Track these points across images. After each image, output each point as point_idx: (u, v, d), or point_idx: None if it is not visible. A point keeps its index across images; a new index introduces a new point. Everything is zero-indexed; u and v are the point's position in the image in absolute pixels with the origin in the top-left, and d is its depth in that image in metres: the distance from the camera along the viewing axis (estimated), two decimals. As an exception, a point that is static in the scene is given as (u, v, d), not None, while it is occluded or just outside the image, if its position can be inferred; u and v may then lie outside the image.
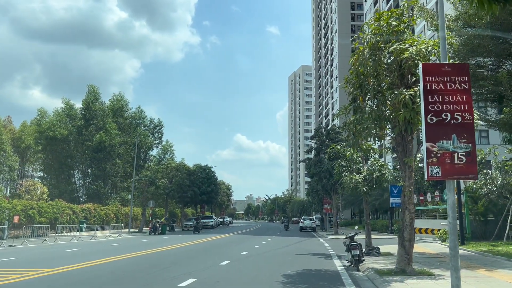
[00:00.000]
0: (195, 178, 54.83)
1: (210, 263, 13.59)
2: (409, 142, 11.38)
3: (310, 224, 47.24)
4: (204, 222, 54.07)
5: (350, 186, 16.83)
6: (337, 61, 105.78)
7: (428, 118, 7.58)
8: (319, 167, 37.29)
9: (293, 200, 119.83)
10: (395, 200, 32.04)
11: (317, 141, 38.19)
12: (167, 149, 71.43)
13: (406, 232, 11.21)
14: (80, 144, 52.86)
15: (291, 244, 24.24)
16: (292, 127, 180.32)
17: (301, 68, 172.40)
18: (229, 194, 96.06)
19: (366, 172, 17.12)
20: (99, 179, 52.39)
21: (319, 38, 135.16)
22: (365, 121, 11.41)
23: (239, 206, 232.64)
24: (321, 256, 16.94)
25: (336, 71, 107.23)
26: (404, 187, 11.36)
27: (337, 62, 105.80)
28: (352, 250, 12.68)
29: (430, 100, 7.63)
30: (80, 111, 54.68)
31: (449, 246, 7.47)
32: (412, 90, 10.62)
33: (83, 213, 37.06)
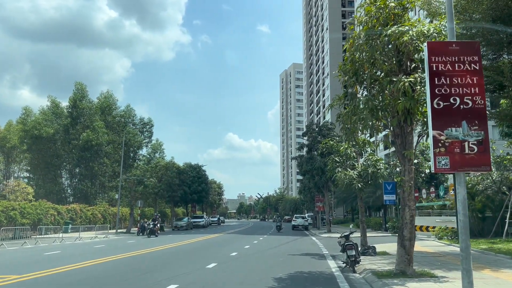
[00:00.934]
0: (185, 177, 53.82)
1: (196, 266, 12.68)
2: (409, 133, 10.55)
3: (302, 223, 46.51)
4: (195, 222, 53.14)
5: (344, 182, 16.01)
6: (328, 59, 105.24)
7: (435, 103, 6.75)
8: (311, 164, 36.50)
9: (285, 198, 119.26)
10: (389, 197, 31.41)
11: (309, 138, 37.38)
12: (157, 148, 70.25)
13: (406, 231, 10.39)
14: (67, 143, 51.53)
15: (283, 244, 23.40)
16: (283, 125, 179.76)
17: (292, 66, 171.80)
18: (220, 193, 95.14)
19: (360, 167, 16.31)
20: (86, 178, 51.10)
21: (310, 36, 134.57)
22: (361, 112, 10.57)
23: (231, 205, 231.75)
24: (315, 257, 16.11)
25: (327, 69, 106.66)
26: (404, 182, 10.54)
27: (328, 60, 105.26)
28: (348, 250, 11.85)
29: (437, 82, 6.79)
30: (67, 109, 53.32)
31: (460, 247, 6.66)
32: (412, 76, 9.80)
33: (69, 214, 35.88)
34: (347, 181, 15.94)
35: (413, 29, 9.52)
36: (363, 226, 16.75)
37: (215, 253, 17.29)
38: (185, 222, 47.54)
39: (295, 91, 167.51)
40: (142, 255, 16.36)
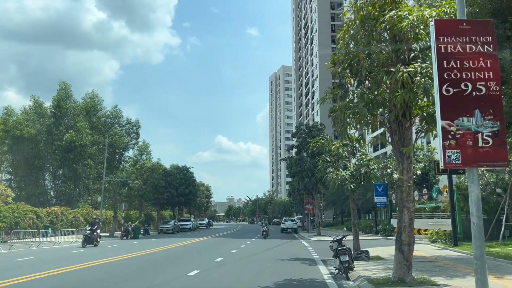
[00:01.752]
0: (172, 179, 52.59)
1: (176, 273, 11.69)
2: (407, 129, 9.71)
3: (291, 226, 45.63)
4: (182, 225, 51.93)
5: (336, 183, 15.13)
6: (317, 61, 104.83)
7: (443, 89, 5.90)
8: (301, 166, 35.68)
9: (274, 201, 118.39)
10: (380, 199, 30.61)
11: (299, 139, 36.55)
12: (143, 149, 69.00)
13: (405, 235, 9.54)
14: (50, 144, 50.05)
15: (272, 248, 22.47)
16: (273, 128, 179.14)
17: (282, 69, 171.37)
18: (208, 196, 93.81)
19: (353, 167, 15.46)
20: (69, 181, 49.64)
21: (299, 38, 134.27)
22: (355, 106, 9.71)
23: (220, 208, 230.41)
24: (305, 262, 15.20)
25: (316, 71, 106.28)
26: (402, 181, 9.69)
27: (317, 62, 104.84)
28: (341, 255, 10.96)
29: (446, 66, 5.94)
30: (50, 109, 51.82)
31: (474, 255, 5.85)
32: (412, 66, 8.96)
33: (49, 217, 34.51)
34: (338, 181, 15.08)
35: (413, 14, 8.70)
36: (355, 229, 15.90)
37: (199, 258, 16.29)
38: (171, 226, 46.31)
39: (285, 93, 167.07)
40: (118, 262, 15.29)
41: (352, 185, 14.89)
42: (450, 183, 19.00)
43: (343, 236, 12.14)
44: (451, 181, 19.04)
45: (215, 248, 21.96)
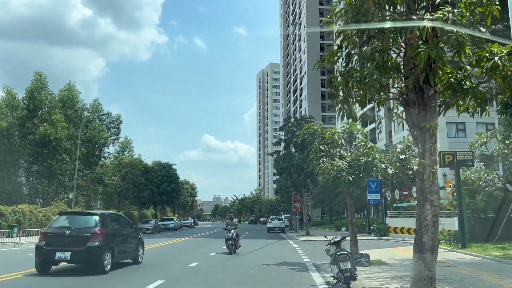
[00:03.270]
0: (153, 176, 49.98)
1: (135, 283, 9.31)
2: (431, 97, 7.46)
3: (278, 225, 43.46)
4: (163, 225, 49.39)
5: (331, 175, 12.90)
6: (305, 57, 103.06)
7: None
8: (289, 161, 33.45)
9: (261, 200, 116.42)
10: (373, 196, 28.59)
11: (287, 133, 34.30)
12: (125, 146, 66.11)
13: (427, 237, 7.29)
14: (23, 138, 46.98)
15: (257, 249, 20.18)
16: (260, 126, 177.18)
17: (269, 66, 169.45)
18: (194, 194, 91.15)
19: (351, 157, 13.23)
20: (43, 177, 46.64)
21: (287, 35, 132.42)
22: (363, 70, 7.45)
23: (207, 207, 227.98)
24: (294, 267, 12.92)
25: (304, 67, 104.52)
26: (423, 166, 7.43)
27: (305, 58, 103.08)
28: (341, 262, 8.70)
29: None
30: (23, 100, 48.70)
31: None
32: (440, 13, 6.74)
33: (15, 216, 31.69)
34: (334, 173, 12.84)
35: None
36: (353, 229, 13.67)
37: (170, 264, 13.90)
38: (151, 225, 43.73)
39: (272, 91, 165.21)
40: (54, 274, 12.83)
41: (350, 177, 12.66)
42: (458, 177, 16.90)
43: (342, 238, 9.88)
44: (458, 175, 16.94)
45: (193, 250, 19.58)
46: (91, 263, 10.98)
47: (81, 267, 11.45)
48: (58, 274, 11.11)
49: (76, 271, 11.42)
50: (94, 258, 10.83)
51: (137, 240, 13.50)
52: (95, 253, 10.81)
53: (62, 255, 10.74)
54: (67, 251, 10.75)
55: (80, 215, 13.29)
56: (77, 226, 11.35)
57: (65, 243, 10.88)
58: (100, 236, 11.00)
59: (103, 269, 10.88)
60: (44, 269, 11.09)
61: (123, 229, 12.77)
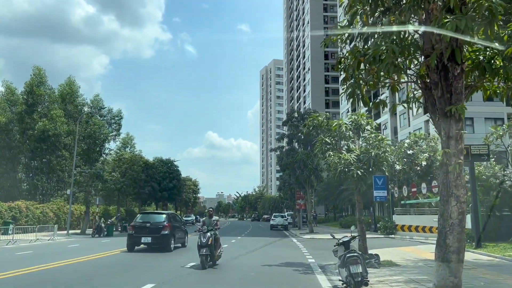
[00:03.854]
0: (154, 172, 49.11)
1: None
2: (457, 77, 6.48)
3: (282, 222, 42.55)
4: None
5: (338, 169, 11.95)
6: (309, 53, 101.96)
7: None
8: (292, 157, 32.47)
9: (264, 197, 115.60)
10: (380, 193, 27.61)
11: (290, 127, 33.31)
12: (127, 142, 65.30)
13: (452, 237, 6.33)
14: (22, 133, 46.18)
15: (259, 248, 19.25)
16: (263, 123, 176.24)
17: (273, 62, 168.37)
18: (196, 191, 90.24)
19: (360, 149, 12.26)
20: (42, 173, 45.84)
21: (291, 31, 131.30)
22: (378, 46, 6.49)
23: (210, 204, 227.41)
24: (298, 268, 11.98)
25: (308, 63, 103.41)
26: (448, 157, 6.47)
27: (309, 54, 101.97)
28: (351, 265, 7.77)
29: None
30: (22, 95, 47.87)
31: None
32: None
33: (11, 213, 30.90)
34: (341, 167, 11.88)
35: None
36: (361, 227, 12.71)
37: (164, 264, 12.98)
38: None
39: (275, 87, 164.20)
40: (65, 267, 11.97)
41: (359, 171, 11.70)
42: (472, 173, 15.90)
43: (352, 238, 8.95)
44: (473, 170, 15.94)
45: (191, 249, 18.64)
46: (163, 245, 16.80)
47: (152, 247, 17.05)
48: (141, 251, 16.93)
49: (150, 250, 17.02)
50: (165, 241, 16.81)
51: (184, 231, 19.63)
52: (166, 238, 16.80)
53: (145, 239, 16.82)
54: (149, 237, 16.81)
55: (154, 214, 19.98)
56: (153, 221, 17.44)
57: (147, 232, 16.93)
58: (168, 228, 17.01)
59: (170, 248, 16.88)
60: (132, 248, 16.89)
61: (178, 224, 18.88)
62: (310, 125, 13.61)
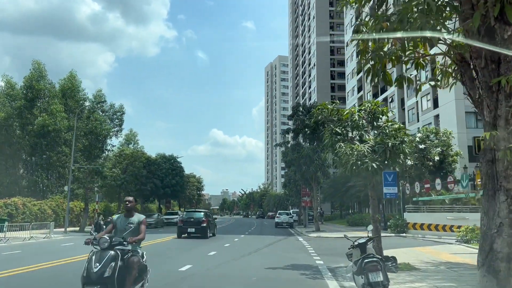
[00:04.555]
0: (156, 169, 48.04)
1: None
2: (508, 41, 5.23)
3: (287, 220, 41.34)
4: (167, 219, 47.56)
5: (350, 162, 10.69)
6: (315, 48, 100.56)
7: None
8: (298, 152, 31.20)
9: (269, 194, 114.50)
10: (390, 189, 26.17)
11: (296, 121, 32.02)
12: (130, 138, 64.33)
13: (501, 241, 5.11)
14: (21, 128, 45.21)
15: (262, 248, 18.05)
16: (268, 119, 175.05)
17: (278, 59, 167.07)
18: (200, 188, 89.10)
19: (375, 140, 11.01)
20: (42, 169, 44.88)
21: (296, 26, 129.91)
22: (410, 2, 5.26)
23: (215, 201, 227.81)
24: (305, 272, 10.77)
25: (314, 59, 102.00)
26: (496, 141, 5.23)
27: (315, 49, 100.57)
28: (370, 273, 6.56)
29: None
30: (21, 90, 46.88)
31: None
32: None
33: (6, 209, 29.90)
34: (354, 159, 10.62)
35: None
36: (376, 226, 11.45)
37: (160, 265, 11.81)
38: (154, 219, 41.83)
39: (281, 84, 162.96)
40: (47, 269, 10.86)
41: (374, 164, 10.44)
42: (495, 166, 14.58)
43: (369, 239, 7.73)
44: (496, 164, 14.63)
45: (191, 248, 17.49)
46: (203, 234, 23.31)
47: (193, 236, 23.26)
48: (186, 238, 23.07)
49: (192, 237, 23.00)
50: (204, 231, 23.41)
51: (214, 225, 26.62)
52: (204, 229, 23.40)
53: (191, 229, 23.37)
54: (193, 228, 23.37)
55: (196, 211, 26.04)
56: (195, 217, 24.12)
57: (191, 224, 23.53)
58: (206, 222, 23.63)
59: (207, 236, 23.42)
60: (180, 236, 23.59)
61: (211, 219, 25.97)
62: (319, 113, 12.36)
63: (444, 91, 40.82)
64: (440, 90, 41.94)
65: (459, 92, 39.70)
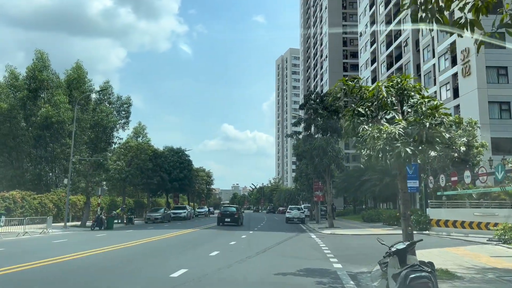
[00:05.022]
0: (163, 162, 46.45)
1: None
2: None
3: (298, 215, 39.53)
4: (175, 213, 46.10)
5: (376, 148, 8.76)
6: (327, 40, 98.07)
7: None
8: (310, 143, 29.22)
9: (279, 188, 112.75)
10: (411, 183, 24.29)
11: (308, 111, 30.01)
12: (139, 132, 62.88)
13: None
14: (25, 120, 43.91)
15: (272, 247, 16.22)
16: (279, 113, 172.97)
17: (289, 52, 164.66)
18: (209, 182, 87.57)
19: (408, 120, 9.06)
20: (46, 162, 43.58)
21: (307, 17, 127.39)
22: None
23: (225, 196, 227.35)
24: (322, 280, 8.91)
25: (326, 51, 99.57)
26: None
27: (327, 41, 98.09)
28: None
29: None
30: (24, 80, 45.52)
31: None
32: None
33: (4, 203, 28.52)
34: (381, 144, 8.69)
35: None
36: (407, 225, 9.50)
37: (149, 269, 10.06)
38: (160, 214, 40.35)
39: (291, 77, 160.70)
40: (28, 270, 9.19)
41: (409, 149, 8.51)
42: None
43: (412, 243, 5.87)
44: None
45: (192, 248, 15.75)
46: (236, 223, 31.68)
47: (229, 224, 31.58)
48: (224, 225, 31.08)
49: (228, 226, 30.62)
50: (237, 221, 31.89)
51: (242, 217, 35.40)
52: (237, 219, 32.02)
53: (227, 219, 31.94)
54: (228, 218, 32.04)
55: (231, 206, 39.29)
56: (230, 210, 33.99)
57: (227, 216, 32.37)
58: (238, 214, 32.72)
59: (240, 224, 32.00)
60: (219, 224, 31.74)
61: (240, 212, 35.54)
62: (338, 91, 10.44)
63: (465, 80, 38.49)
64: (461, 79, 39.56)
65: (481, 81, 37.37)
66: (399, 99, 9.87)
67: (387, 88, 9.60)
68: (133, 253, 13.51)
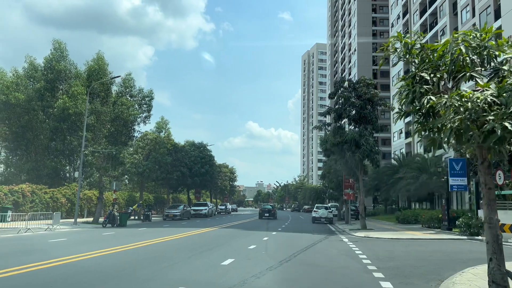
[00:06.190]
0: (183, 156, 44.33)
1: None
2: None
3: (326, 215, 36.72)
4: (195, 210, 44.02)
5: (455, 123, 6.02)
6: (355, 32, 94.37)
7: None
8: (341, 136, 26.34)
9: (305, 186, 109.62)
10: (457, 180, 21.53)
11: (338, 99, 27.13)
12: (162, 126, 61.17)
13: None
14: (41, 111, 42.62)
15: (298, 253, 13.57)
16: (304, 110, 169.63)
17: (315, 47, 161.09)
18: (233, 179, 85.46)
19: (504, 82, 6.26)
20: (63, 155, 42.16)
21: (335, 11, 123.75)
22: None
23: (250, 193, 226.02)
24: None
25: (354, 44, 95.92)
26: None
27: (355, 33, 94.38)
28: None
29: None
30: (41, 71, 44.26)
31: None
32: None
33: (12, 197, 26.86)
34: (463, 117, 5.95)
35: None
36: (494, 234, 6.69)
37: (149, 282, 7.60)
38: (179, 211, 38.27)
39: (318, 73, 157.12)
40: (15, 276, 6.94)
41: (508, 123, 5.73)
42: None
43: None
44: None
45: (202, 253, 13.25)
46: (274, 217, 44.19)
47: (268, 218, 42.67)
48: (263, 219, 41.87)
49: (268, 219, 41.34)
50: (274, 215, 44.93)
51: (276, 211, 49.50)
52: (274, 214, 45.18)
53: (267, 214, 44.16)
54: (268, 213, 44.42)
55: (268, 204, 52.79)
56: (267, 208, 46.84)
57: (267, 211, 44.86)
58: (274, 211, 46.18)
59: (275, 217, 44.60)
60: (260, 218, 44.08)
61: (275, 209, 50.25)
62: (392, 51, 7.72)
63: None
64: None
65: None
66: (480, 58, 7.04)
67: (466, 42, 6.80)
68: (124, 261, 11.11)
